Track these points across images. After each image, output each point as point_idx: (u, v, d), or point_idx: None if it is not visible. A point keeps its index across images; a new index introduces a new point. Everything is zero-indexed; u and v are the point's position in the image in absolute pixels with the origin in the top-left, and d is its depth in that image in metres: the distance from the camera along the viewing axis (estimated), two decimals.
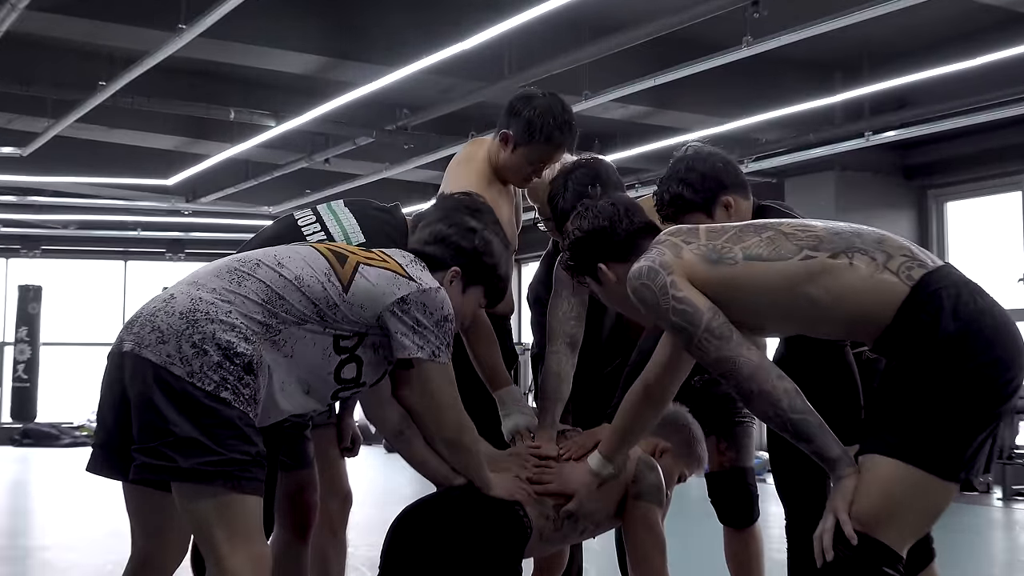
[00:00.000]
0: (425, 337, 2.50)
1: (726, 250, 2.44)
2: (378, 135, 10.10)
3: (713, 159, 2.98)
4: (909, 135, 9.68)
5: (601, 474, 2.84)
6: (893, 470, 2.24)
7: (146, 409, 2.28)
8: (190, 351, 2.28)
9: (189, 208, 14.11)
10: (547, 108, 3.21)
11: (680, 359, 2.63)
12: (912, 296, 2.29)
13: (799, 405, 2.34)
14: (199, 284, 2.40)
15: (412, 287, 2.50)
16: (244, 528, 2.30)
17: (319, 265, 2.47)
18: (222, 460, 2.26)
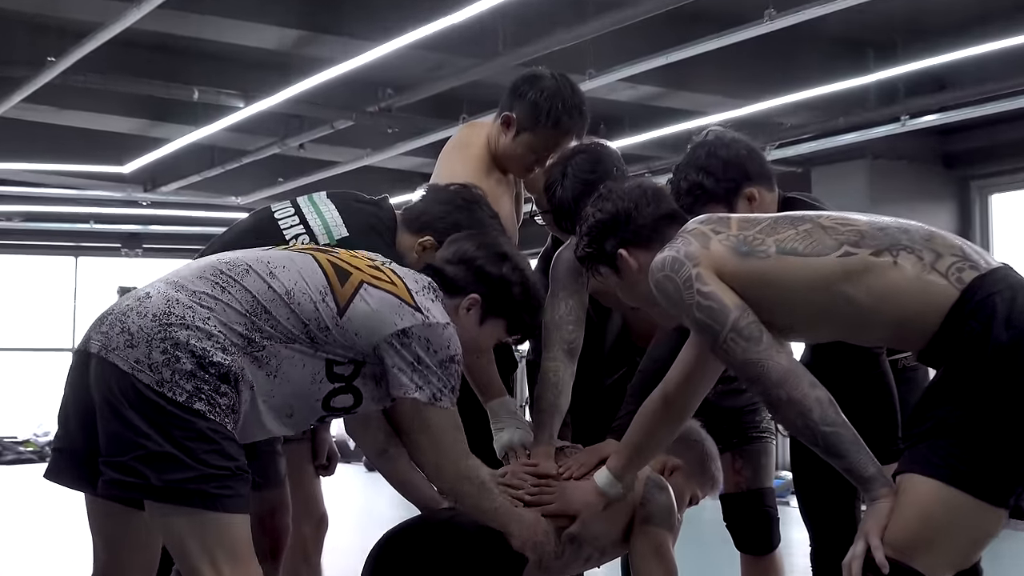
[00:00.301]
0: (426, 377, 2.47)
1: (758, 242, 2.45)
2: (358, 118, 10.07)
3: (737, 146, 2.99)
4: (949, 120, 9.67)
5: (608, 494, 2.84)
6: (934, 492, 2.24)
7: (113, 418, 2.28)
8: (160, 358, 2.28)
9: (147, 198, 14.07)
10: (556, 90, 3.22)
11: (704, 368, 2.64)
12: (961, 301, 2.29)
13: (832, 417, 2.34)
14: (178, 284, 2.40)
15: (417, 319, 2.47)
16: (230, 551, 2.29)
17: (315, 281, 2.45)
18: (198, 476, 2.25)
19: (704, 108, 10.05)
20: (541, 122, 3.20)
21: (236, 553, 2.30)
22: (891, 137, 10.15)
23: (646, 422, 2.80)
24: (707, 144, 3.03)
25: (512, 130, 3.24)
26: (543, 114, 3.19)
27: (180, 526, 2.28)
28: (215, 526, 2.28)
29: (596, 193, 2.77)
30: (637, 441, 2.83)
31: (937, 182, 11.38)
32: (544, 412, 3.07)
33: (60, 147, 12.22)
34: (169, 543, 2.35)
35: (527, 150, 3.25)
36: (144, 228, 17.00)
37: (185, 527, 2.28)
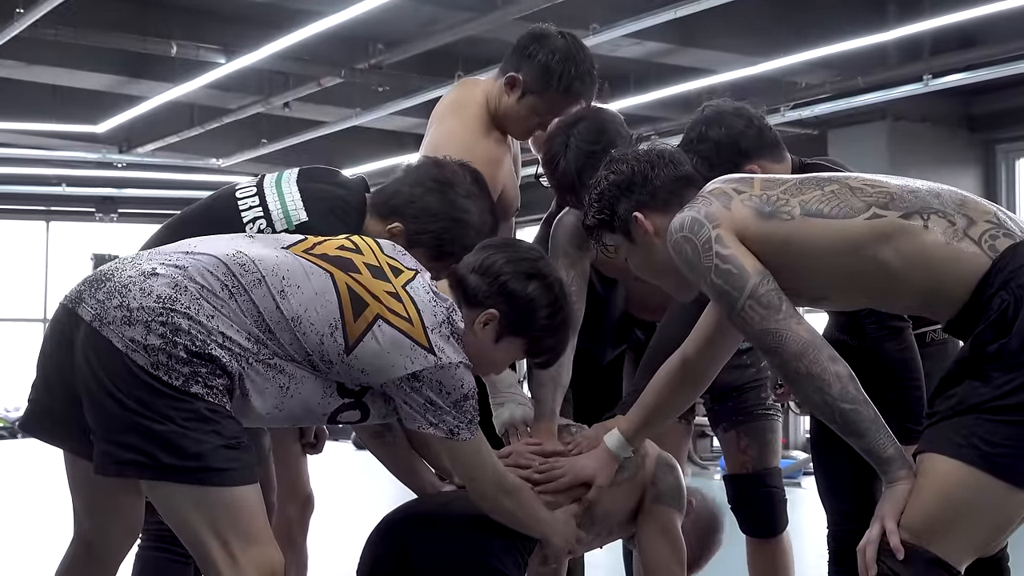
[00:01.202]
0: (440, 416, 2.48)
1: (782, 203, 2.45)
2: (347, 75, 10.05)
3: (731, 121, 2.98)
4: (975, 79, 9.66)
5: (619, 457, 2.87)
6: (954, 473, 2.24)
7: (106, 397, 2.28)
8: (157, 342, 2.28)
9: (123, 160, 14.06)
10: (568, 53, 3.19)
11: (725, 334, 2.65)
12: (993, 270, 2.29)
13: (852, 393, 2.35)
14: (188, 272, 2.37)
15: (429, 362, 2.45)
16: (242, 528, 2.30)
17: (327, 311, 2.41)
18: (200, 453, 2.26)
19: (714, 66, 10.03)
20: (552, 86, 3.16)
21: (249, 531, 2.30)
22: (913, 98, 10.13)
23: (663, 386, 2.82)
24: (700, 124, 3.02)
25: (517, 92, 3.21)
26: (554, 78, 3.16)
27: (187, 507, 2.29)
28: (222, 502, 2.28)
29: (607, 158, 2.76)
30: (652, 403, 2.84)
31: (961, 145, 11.38)
32: (544, 387, 3.06)
33: (29, 105, 12.19)
34: (174, 522, 2.34)
35: (531, 113, 3.22)
36: (119, 191, 17.00)
37: (193, 507, 2.28)
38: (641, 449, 2.94)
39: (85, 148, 13.85)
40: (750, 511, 3.49)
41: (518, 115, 3.25)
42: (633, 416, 2.87)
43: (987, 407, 2.23)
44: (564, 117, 3.25)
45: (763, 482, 3.46)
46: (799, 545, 3.67)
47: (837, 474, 3.17)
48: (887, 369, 2.94)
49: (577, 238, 3.16)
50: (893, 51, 9.68)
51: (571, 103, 3.22)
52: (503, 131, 3.32)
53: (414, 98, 10.64)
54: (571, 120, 3.19)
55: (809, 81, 10.28)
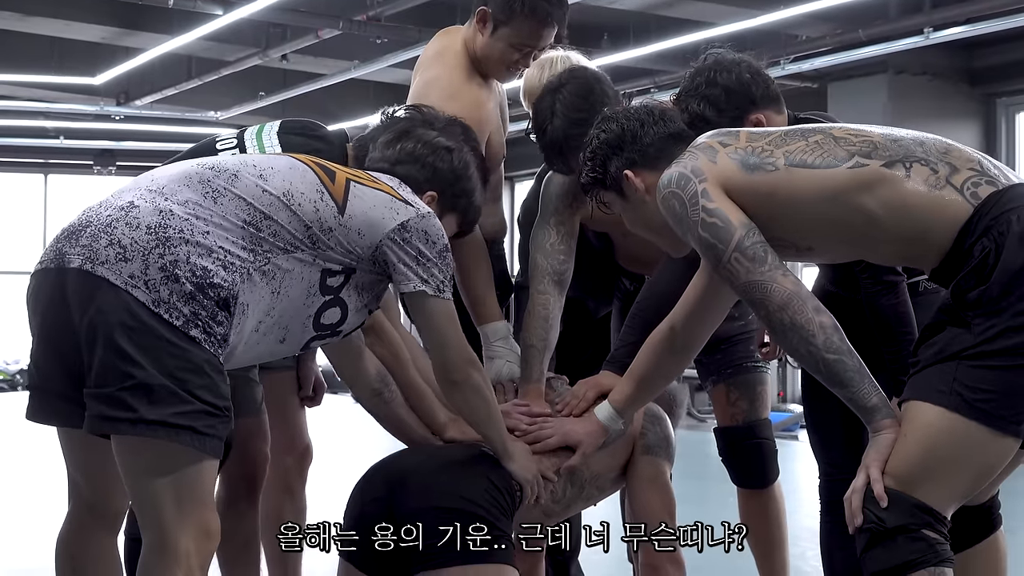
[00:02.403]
0: (429, 270, 2.53)
1: (767, 154, 2.48)
2: (345, 26, 10.01)
3: (739, 69, 2.98)
4: (976, 32, 9.62)
5: (610, 429, 2.88)
6: (937, 419, 2.28)
7: (100, 344, 2.24)
8: (158, 275, 2.25)
9: (120, 112, 14.02)
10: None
11: (716, 299, 2.68)
12: (975, 217, 2.31)
13: (836, 344, 2.38)
14: (165, 193, 2.35)
15: (411, 212, 2.53)
16: (197, 494, 2.30)
17: (308, 179, 2.47)
18: (190, 411, 2.24)
19: (713, 18, 9.99)
20: (516, 11, 3.12)
21: (202, 498, 2.31)
22: (913, 51, 10.10)
23: (652, 354, 2.84)
24: (707, 70, 3.01)
25: (488, 26, 3.18)
26: (517, 2, 3.15)
27: (153, 463, 2.27)
28: (192, 467, 2.28)
29: (599, 116, 2.78)
30: (642, 373, 2.86)
31: (961, 99, 11.35)
32: (533, 348, 3.08)
33: (26, 57, 12.14)
34: (132, 478, 2.31)
35: (506, 46, 3.18)
36: (117, 144, 16.95)
37: (160, 464, 2.26)
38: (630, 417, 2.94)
39: (83, 100, 13.81)
40: (741, 463, 3.52)
41: (495, 51, 3.22)
42: (624, 387, 2.89)
43: (969, 353, 2.27)
44: (551, 80, 3.23)
45: (753, 433, 3.48)
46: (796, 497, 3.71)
47: (828, 425, 3.20)
48: (882, 323, 2.97)
49: (567, 197, 3.18)
50: (893, 4, 9.64)
51: (541, 26, 3.18)
52: (485, 75, 3.29)
53: (412, 50, 10.57)
54: (557, 83, 3.17)
55: (809, 34, 10.24)
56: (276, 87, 12.81)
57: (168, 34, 10.83)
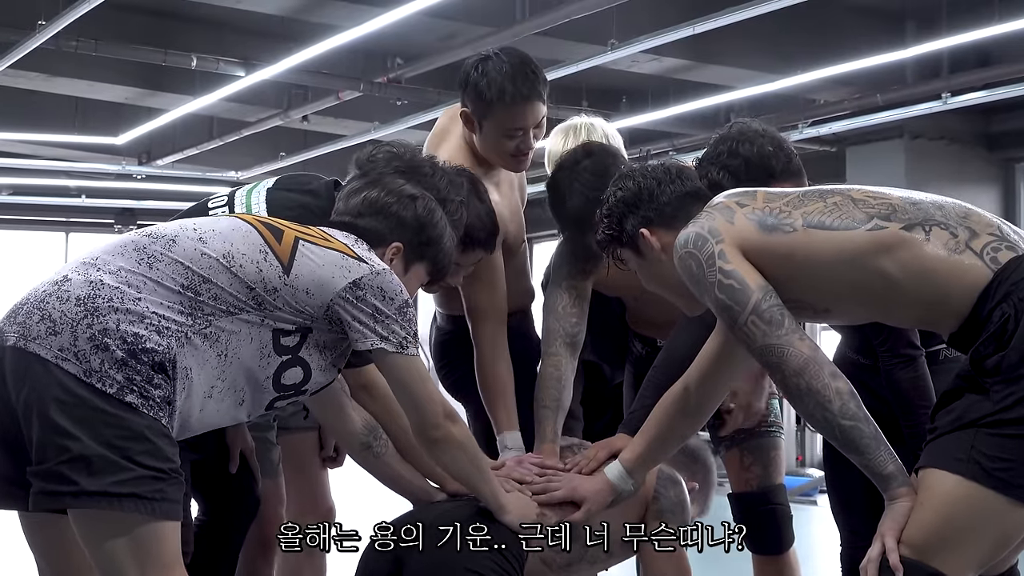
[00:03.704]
0: (389, 327, 2.48)
1: (784, 215, 2.48)
2: (366, 88, 10.09)
3: (762, 141, 2.99)
4: (994, 97, 9.65)
5: (619, 488, 2.86)
6: (954, 488, 2.26)
7: (36, 421, 2.22)
8: (87, 345, 2.23)
9: (142, 172, 14.11)
10: (495, 65, 3.13)
11: (729, 361, 2.67)
12: (994, 282, 2.30)
13: (852, 410, 2.36)
14: (98, 264, 2.35)
15: (364, 269, 2.48)
16: (160, 558, 2.27)
17: (252, 240, 2.43)
18: (131, 479, 2.22)
19: (732, 82, 10.04)
20: (490, 103, 3.09)
21: (165, 562, 2.27)
22: (931, 115, 10.13)
23: (665, 415, 2.82)
24: (730, 139, 3.02)
25: (474, 124, 3.20)
26: (486, 93, 3.09)
27: (109, 533, 2.24)
28: (146, 534, 2.24)
29: (617, 173, 2.79)
30: (654, 434, 2.84)
31: (979, 164, 11.36)
32: (546, 408, 3.08)
33: (50, 116, 12.26)
34: (93, 551, 2.28)
35: (496, 137, 3.16)
36: (138, 203, 17.03)
37: (114, 534, 2.23)
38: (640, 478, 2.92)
39: (105, 160, 13.90)
40: (756, 529, 3.48)
41: (488, 145, 3.21)
42: (635, 446, 2.87)
43: (987, 421, 2.24)
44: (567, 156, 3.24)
45: (768, 499, 3.46)
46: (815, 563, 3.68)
47: (849, 491, 3.17)
48: (900, 396, 2.96)
49: (579, 260, 3.18)
50: (911, 69, 9.68)
51: (520, 108, 3.15)
52: (489, 165, 3.28)
53: (432, 112, 10.64)
54: (575, 157, 3.18)
55: (827, 98, 10.28)
56: (297, 147, 12.89)
57: (190, 95, 10.92)
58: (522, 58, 3.18)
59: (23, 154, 14.05)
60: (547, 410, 3.08)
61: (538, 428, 3.07)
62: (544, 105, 3.20)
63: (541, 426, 3.06)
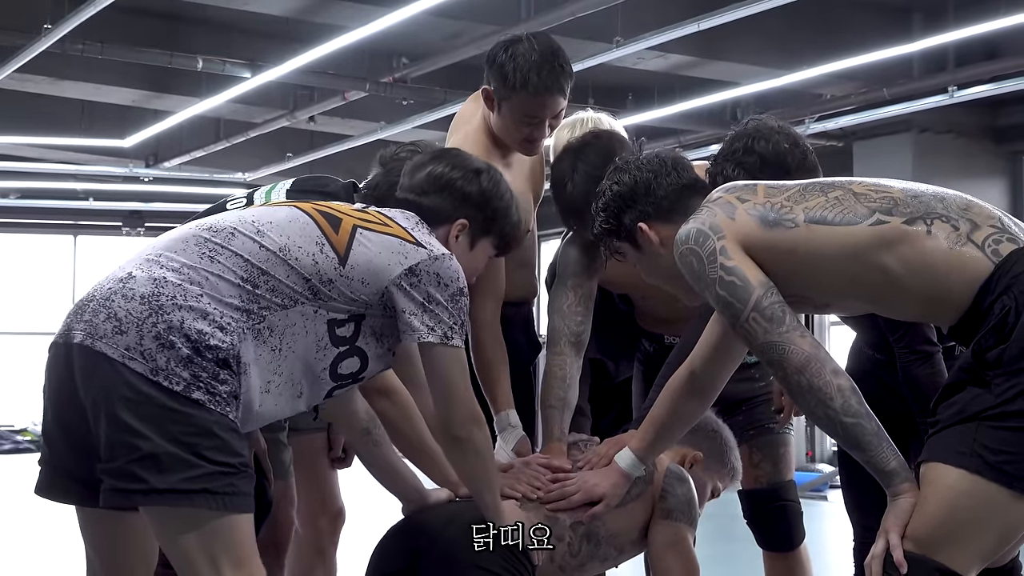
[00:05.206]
0: (437, 316, 2.48)
1: (786, 210, 2.47)
2: (372, 88, 10.11)
3: (778, 139, 2.97)
4: (1000, 91, 9.64)
5: (632, 476, 2.87)
6: (957, 481, 2.26)
7: (107, 418, 2.25)
8: (153, 344, 2.25)
9: (149, 174, 14.14)
10: (525, 50, 3.14)
11: (732, 342, 2.66)
12: (996, 274, 2.30)
13: (854, 407, 2.37)
14: (161, 261, 2.36)
15: (422, 255, 2.49)
16: (235, 554, 2.29)
17: (308, 231, 2.44)
18: (201, 475, 2.24)
19: (738, 79, 10.04)
20: (513, 86, 3.10)
21: (241, 558, 2.29)
22: (938, 109, 10.11)
23: (671, 400, 2.83)
24: (746, 136, 3.00)
25: (493, 103, 3.22)
26: (511, 76, 3.10)
27: (184, 531, 2.26)
28: (220, 528, 2.25)
29: (612, 166, 2.79)
30: (661, 419, 2.85)
31: (986, 157, 11.35)
32: (553, 408, 3.09)
33: (57, 120, 12.29)
34: (168, 546, 2.32)
35: (512, 121, 3.17)
36: (146, 205, 17.10)
37: (190, 531, 2.25)
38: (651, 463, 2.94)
39: (112, 162, 13.94)
40: (766, 525, 3.50)
41: (504, 128, 3.22)
42: (643, 432, 2.87)
43: (989, 414, 2.25)
44: (573, 141, 3.25)
45: (778, 496, 3.47)
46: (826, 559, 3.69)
47: (863, 489, 3.17)
48: (917, 392, 2.96)
49: (584, 258, 3.19)
50: (918, 62, 9.67)
51: (541, 98, 3.15)
52: (506, 147, 3.30)
53: (438, 111, 10.67)
54: (579, 144, 3.19)
55: (834, 93, 10.28)
56: (303, 148, 12.91)
57: (197, 97, 10.95)
58: (552, 48, 3.19)
59: (31, 158, 14.09)
60: (553, 409, 3.08)
61: (545, 427, 3.08)
62: (564, 99, 3.21)
63: (548, 425, 3.07)
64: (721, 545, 4.58)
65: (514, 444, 3.09)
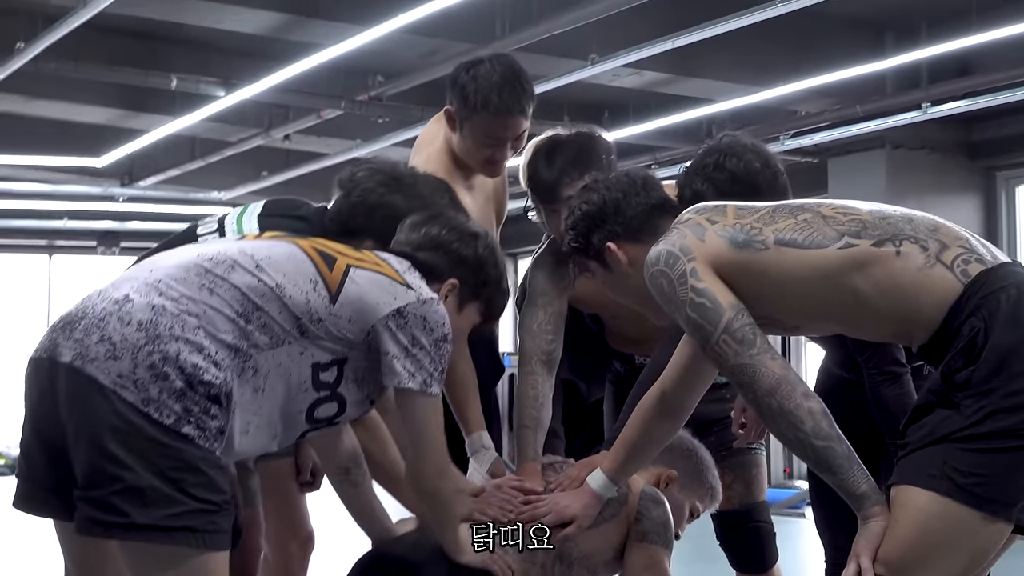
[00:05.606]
0: (419, 362, 2.46)
1: (755, 232, 2.47)
2: (347, 107, 10.09)
3: (750, 157, 2.98)
4: (974, 107, 9.67)
5: (603, 497, 2.86)
6: (928, 504, 2.26)
7: (89, 446, 2.21)
8: (147, 374, 2.21)
9: (124, 193, 14.09)
10: (487, 71, 3.15)
11: (703, 364, 2.66)
12: (964, 296, 2.30)
13: (825, 430, 2.36)
14: (160, 288, 2.32)
15: (411, 296, 2.47)
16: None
17: (304, 269, 2.43)
18: (184, 512, 2.21)
19: (713, 95, 10.06)
20: (474, 107, 3.13)
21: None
22: (912, 125, 10.15)
23: (642, 420, 2.82)
24: (718, 151, 3.01)
25: (456, 124, 3.21)
26: (472, 97, 3.13)
27: (159, 566, 2.23)
28: (197, 566, 2.23)
29: (583, 185, 2.79)
30: (633, 440, 2.84)
31: (961, 173, 11.38)
32: (527, 428, 3.08)
33: (31, 139, 12.22)
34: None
35: (474, 142, 3.19)
36: (121, 225, 17.02)
37: (165, 568, 2.23)
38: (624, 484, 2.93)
39: (87, 182, 13.89)
40: (739, 547, 3.49)
41: (465, 147, 3.23)
42: (615, 453, 2.87)
43: (959, 436, 2.25)
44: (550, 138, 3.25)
45: (751, 517, 3.46)
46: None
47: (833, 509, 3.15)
48: (885, 413, 2.96)
49: (553, 277, 3.18)
50: (891, 79, 9.71)
51: (501, 119, 3.17)
52: (468, 168, 3.29)
53: (414, 129, 10.63)
54: (552, 142, 3.22)
55: (808, 109, 10.31)
56: (279, 167, 12.88)
57: (171, 115, 10.90)
58: (514, 69, 3.19)
59: (4, 177, 14.01)
60: (527, 430, 3.07)
61: (519, 448, 3.07)
62: (527, 120, 3.22)
63: (522, 446, 3.06)
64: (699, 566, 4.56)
65: (488, 466, 3.07)
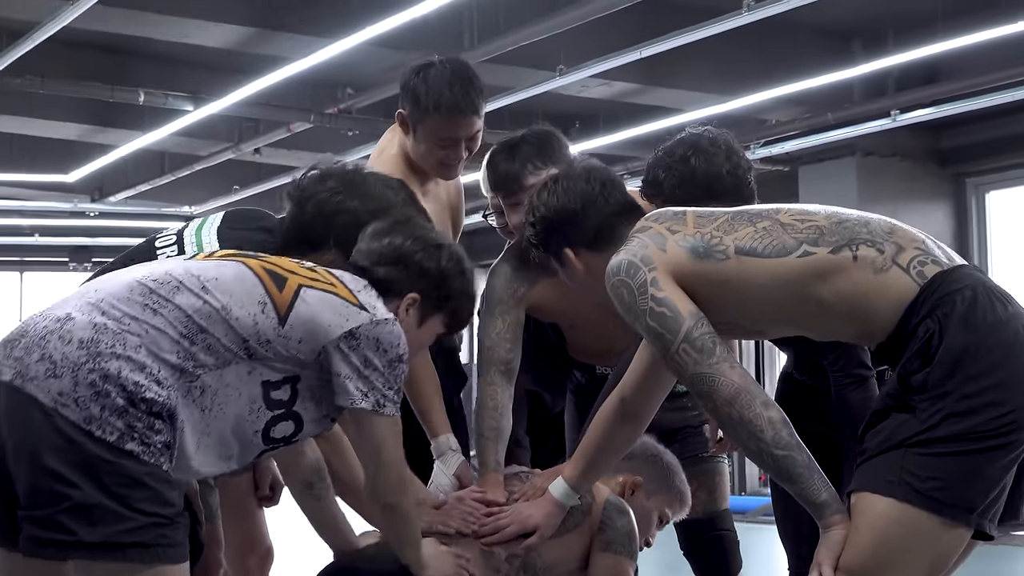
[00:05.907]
0: (371, 383, 2.41)
1: (716, 241, 2.47)
2: (316, 119, 10.09)
3: (717, 160, 2.96)
4: (942, 114, 9.73)
5: (566, 506, 2.84)
6: (887, 510, 2.25)
7: (31, 466, 2.17)
8: (88, 392, 2.17)
9: (95, 209, 14.06)
10: (437, 73, 3.14)
11: (662, 371, 2.64)
12: (920, 297, 2.30)
13: (785, 439, 2.36)
14: (102, 307, 2.28)
15: (364, 318, 2.42)
16: None
17: (253, 291, 2.38)
18: (133, 527, 2.17)
19: (683, 105, 10.07)
20: (426, 108, 3.12)
21: None
22: (881, 133, 10.21)
23: (602, 426, 2.80)
24: (691, 145, 3.00)
25: (408, 127, 3.20)
26: (423, 99, 3.11)
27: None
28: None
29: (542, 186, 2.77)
30: (594, 446, 2.82)
31: (931, 180, 11.43)
32: (486, 438, 3.06)
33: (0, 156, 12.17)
34: None
35: (427, 144, 3.17)
36: (92, 240, 16.95)
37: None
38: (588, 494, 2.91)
39: (57, 198, 13.86)
40: (703, 555, 3.47)
41: (419, 150, 3.23)
42: (576, 461, 2.85)
43: (916, 440, 2.24)
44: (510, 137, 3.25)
45: (714, 525, 3.44)
46: None
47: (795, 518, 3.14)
48: (849, 417, 2.94)
49: (511, 286, 3.16)
50: (859, 87, 9.75)
51: (454, 119, 3.15)
52: (424, 175, 3.28)
53: None
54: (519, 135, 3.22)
55: (778, 118, 10.35)
56: (250, 180, 12.86)
57: (140, 130, 10.89)
58: (464, 69, 3.19)
59: None
60: (487, 440, 3.05)
61: (480, 458, 3.05)
62: (480, 119, 3.21)
63: (483, 456, 3.04)
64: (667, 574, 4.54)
65: (455, 468, 3.05)
